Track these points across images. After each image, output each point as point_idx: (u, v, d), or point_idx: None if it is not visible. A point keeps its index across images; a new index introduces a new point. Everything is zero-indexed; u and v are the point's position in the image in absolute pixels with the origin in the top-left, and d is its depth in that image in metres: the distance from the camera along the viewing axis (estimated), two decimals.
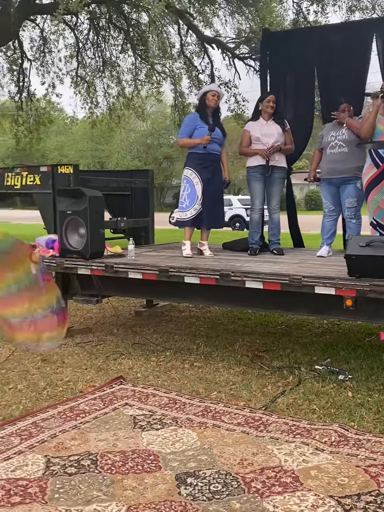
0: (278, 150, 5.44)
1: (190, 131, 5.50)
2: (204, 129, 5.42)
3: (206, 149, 5.41)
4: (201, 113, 5.53)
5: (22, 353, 5.12)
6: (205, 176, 5.45)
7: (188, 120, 5.80)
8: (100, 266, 5.03)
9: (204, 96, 5.53)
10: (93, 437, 3.35)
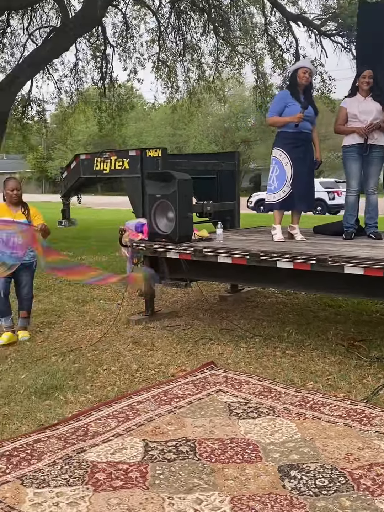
0: (378, 128, 5.12)
1: (280, 109, 5.28)
2: (295, 106, 5.19)
3: (297, 128, 5.18)
4: (292, 90, 5.30)
5: (113, 335, 5.18)
6: (296, 156, 5.22)
7: (279, 97, 5.57)
8: (189, 250, 4.97)
9: (295, 73, 5.30)
10: (189, 422, 3.30)
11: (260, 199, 24.98)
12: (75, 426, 3.27)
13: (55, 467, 2.79)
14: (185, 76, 16.86)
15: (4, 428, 3.26)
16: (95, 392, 3.80)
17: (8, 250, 4.72)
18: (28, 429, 3.26)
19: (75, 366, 4.34)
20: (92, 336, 5.19)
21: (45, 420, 3.37)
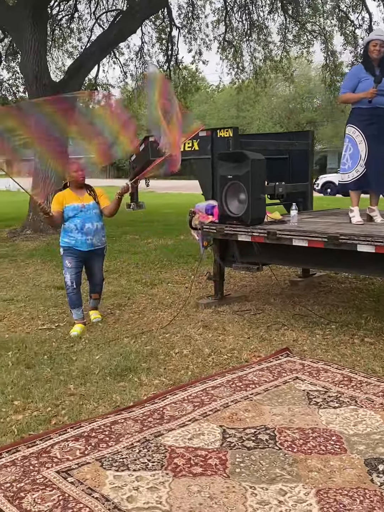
0: None
1: (353, 85, 4.99)
2: (369, 81, 4.88)
3: (372, 103, 4.89)
4: (366, 64, 4.99)
5: (183, 318, 5.13)
6: (370, 133, 4.93)
7: (351, 73, 5.28)
8: (262, 232, 4.82)
9: (367, 47, 5.00)
10: (267, 410, 3.20)
11: (327, 181, 24.36)
12: (151, 409, 3.24)
13: (133, 450, 2.76)
14: (251, 56, 16.54)
15: (81, 409, 3.27)
16: (168, 375, 3.77)
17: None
18: (104, 410, 3.26)
19: (147, 348, 4.32)
20: (162, 319, 5.17)
21: (120, 401, 3.36)
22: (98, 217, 4.85)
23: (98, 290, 5.18)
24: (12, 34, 12.65)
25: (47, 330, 4.87)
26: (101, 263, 5.07)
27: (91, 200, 4.83)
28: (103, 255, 5.07)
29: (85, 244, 4.78)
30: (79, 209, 4.76)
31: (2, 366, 3.95)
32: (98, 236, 4.84)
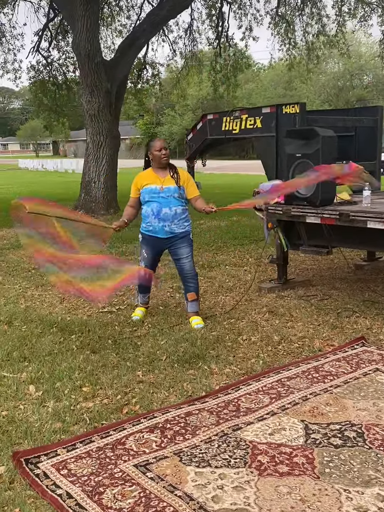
0: None
1: None
2: None
3: None
4: None
5: (246, 303, 4.95)
6: None
7: None
8: (333, 214, 4.56)
9: None
10: (350, 404, 2.99)
11: None
12: (225, 400, 3.08)
13: (212, 445, 2.61)
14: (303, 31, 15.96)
15: (152, 397, 3.14)
16: (239, 364, 3.60)
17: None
18: (176, 399, 3.12)
19: (213, 334, 4.16)
20: (225, 303, 5.00)
21: (192, 391, 3.22)
22: (179, 201, 4.27)
23: (192, 288, 4.41)
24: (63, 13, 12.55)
25: (108, 313, 4.78)
26: (188, 249, 4.38)
27: (172, 183, 4.27)
28: (188, 242, 4.39)
29: (162, 230, 4.29)
30: (158, 191, 4.25)
31: (67, 350, 3.87)
32: (177, 222, 4.29)
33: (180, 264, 4.41)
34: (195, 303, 4.44)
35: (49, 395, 3.17)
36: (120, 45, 12.74)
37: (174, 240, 4.34)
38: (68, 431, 2.77)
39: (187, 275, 4.40)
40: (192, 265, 4.43)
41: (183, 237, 4.35)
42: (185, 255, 4.37)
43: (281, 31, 15.57)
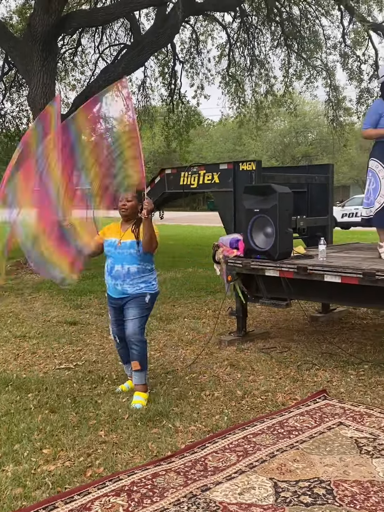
0: None
1: (374, 121, 4.91)
2: None
3: None
4: None
5: (207, 357, 4.92)
6: None
7: (372, 108, 5.19)
8: (292, 267, 4.67)
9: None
10: (317, 460, 2.98)
11: None
12: (192, 459, 3.01)
13: (181, 507, 2.53)
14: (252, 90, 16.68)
15: (116, 458, 3.04)
16: (204, 421, 3.54)
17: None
18: (141, 460, 3.03)
19: (176, 390, 4.10)
20: (185, 357, 4.96)
21: (157, 450, 3.13)
22: (135, 259, 3.89)
23: (135, 356, 3.92)
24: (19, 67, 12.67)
25: (65, 370, 4.64)
26: (135, 312, 3.92)
27: (131, 238, 3.91)
28: (140, 304, 3.92)
29: (115, 289, 3.96)
30: (115, 246, 3.93)
31: (24, 409, 3.72)
32: (131, 281, 3.90)
33: (125, 326, 3.97)
34: (138, 374, 3.92)
35: (7, 458, 3.02)
36: (76, 99, 12.91)
37: (127, 300, 3.95)
38: (29, 497, 2.63)
39: (130, 340, 3.93)
40: (137, 330, 3.91)
41: (136, 298, 3.92)
42: (131, 317, 3.92)
43: (231, 90, 16.21)
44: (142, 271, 3.95)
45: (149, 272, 4.01)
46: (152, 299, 4.02)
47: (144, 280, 3.96)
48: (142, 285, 3.95)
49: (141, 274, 3.95)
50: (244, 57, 16.10)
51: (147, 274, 3.99)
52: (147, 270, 3.99)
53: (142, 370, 3.94)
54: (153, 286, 4.03)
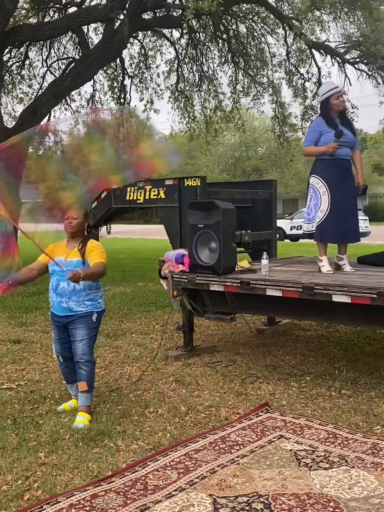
0: None
1: (315, 138, 5.06)
2: (330, 134, 4.95)
3: (334, 155, 4.97)
4: (327, 117, 5.09)
5: (153, 373, 4.91)
6: (334, 185, 4.98)
7: (313, 126, 5.34)
8: (235, 282, 4.73)
9: (328, 100, 5.08)
10: (257, 474, 3.02)
11: None
12: (132, 478, 2.99)
13: None
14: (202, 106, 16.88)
15: (55, 480, 2.98)
16: (146, 439, 3.52)
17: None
18: (81, 481, 2.99)
19: (119, 408, 4.06)
20: (131, 374, 4.93)
21: (97, 471, 3.10)
22: None
23: (83, 377, 3.88)
24: None
25: (7, 390, 4.53)
26: (84, 332, 3.89)
27: (77, 257, 3.89)
28: (87, 324, 3.91)
29: (60, 307, 3.91)
30: (61, 264, 3.82)
31: None
32: (76, 299, 3.87)
33: (73, 347, 3.94)
34: (85, 395, 3.87)
35: None
36: (23, 112, 12.75)
37: (72, 319, 3.90)
38: None
39: (78, 361, 3.90)
40: (87, 350, 3.91)
41: (83, 317, 3.89)
42: (79, 338, 3.89)
43: (181, 105, 16.34)
44: (88, 288, 3.93)
45: (95, 289, 4.00)
46: (99, 317, 4.03)
47: (90, 298, 3.95)
48: (88, 302, 3.93)
49: (87, 291, 3.93)
50: (192, 73, 16.30)
51: (93, 292, 3.98)
52: (93, 287, 3.97)
53: (89, 391, 3.91)
54: (99, 304, 4.02)
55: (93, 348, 4.02)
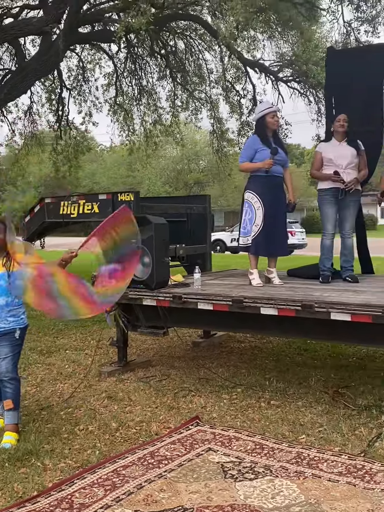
0: (357, 183, 5.18)
1: (251, 155, 5.24)
2: (265, 151, 5.15)
3: (269, 172, 5.15)
4: (261, 135, 5.27)
5: (85, 390, 4.87)
6: (268, 200, 5.17)
7: (249, 143, 5.51)
8: (167, 296, 4.78)
9: (263, 119, 5.27)
10: (183, 488, 3.05)
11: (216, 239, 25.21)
12: (58, 497, 2.96)
13: None
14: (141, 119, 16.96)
15: None
16: (74, 457, 3.49)
17: None
18: (5, 503, 2.93)
19: (49, 426, 4.01)
20: (63, 392, 4.87)
21: (23, 491, 3.05)
22: (4, 291, 3.81)
23: (9, 395, 3.80)
24: None
25: None
26: (7, 349, 3.82)
27: (1, 270, 3.83)
28: (11, 341, 3.84)
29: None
30: None
31: None
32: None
33: None
34: (11, 414, 3.78)
35: None
36: None
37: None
38: None
39: (3, 379, 3.82)
40: (11, 368, 3.83)
41: (5, 334, 3.83)
42: (3, 356, 3.81)
43: (120, 119, 16.35)
44: (11, 304, 3.88)
45: (18, 305, 3.93)
46: (22, 334, 3.96)
47: (12, 314, 3.89)
48: (10, 319, 3.88)
49: (10, 307, 3.88)
50: (132, 86, 16.38)
51: (16, 308, 3.92)
52: (15, 303, 3.91)
53: (15, 409, 3.83)
54: (22, 320, 3.96)
55: (17, 366, 3.94)
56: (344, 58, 6.12)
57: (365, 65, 5.76)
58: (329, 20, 10.35)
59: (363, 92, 5.72)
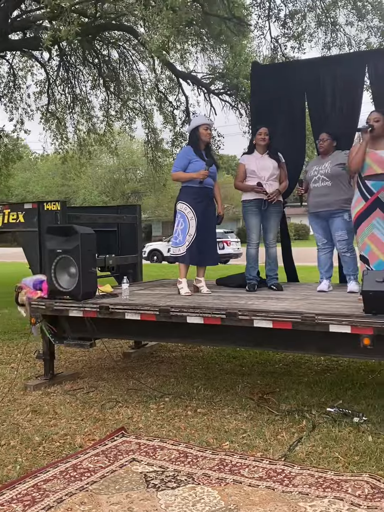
0: (279, 194, 5.36)
1: (184, 165, 5.29)
2: (199, 163, 5.23)
3: (201, 183, 5.23)
4: (195, 147, 5.35)
5: (9, 404, 4.74)
6: (200, 211, 5.25)
7: (182, 153, 5.58)
8: (94, 307, 4.74)
9: (196, 130, 5.36)
10: (104, 500, 3.02)
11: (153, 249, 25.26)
12: None
13: None
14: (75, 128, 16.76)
15: None
16: None
17: None
18: None
19: None
20: None
21: None
22: None
23: None
24: None
25: None
26: None
27: None
28: None
29: None
30: None
31: None
32: None
33: None
34: None
35: None
36: None
37: None
38: None
39: None
40: None
41: None
42: None
43: (53, 127, 16.10)
44: None
45: None
46: None
47: None
48: None
49: None
50: (64, 95, 16.18)
51: None
52: None
53: None
54: None
55: None
56: (268, 73, 6.32)
57: (288, 80, 5.97)
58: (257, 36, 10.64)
59: (286, 108, 5.92)
